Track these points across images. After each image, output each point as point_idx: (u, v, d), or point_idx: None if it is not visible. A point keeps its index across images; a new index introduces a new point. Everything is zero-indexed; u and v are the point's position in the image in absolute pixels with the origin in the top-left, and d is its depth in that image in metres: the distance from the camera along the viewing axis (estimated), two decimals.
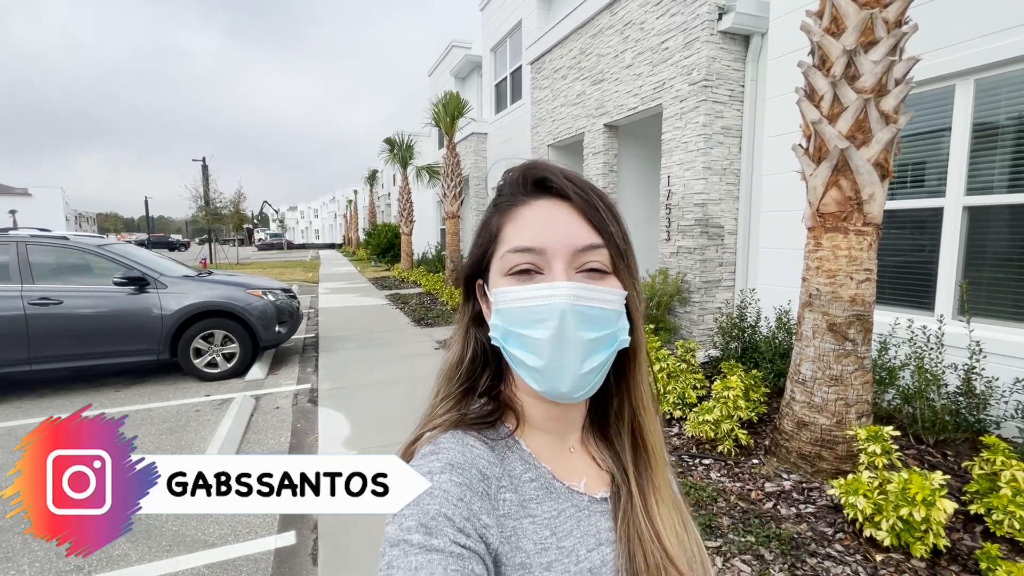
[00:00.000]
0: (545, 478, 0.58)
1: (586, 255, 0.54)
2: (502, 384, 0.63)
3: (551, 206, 0.55)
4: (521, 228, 0.55)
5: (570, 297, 0.52)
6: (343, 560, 2.40)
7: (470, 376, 0.62)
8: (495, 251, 0.57)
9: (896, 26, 2.52)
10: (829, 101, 2.65)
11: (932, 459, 2.98)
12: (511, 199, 0.58)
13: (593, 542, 0.57)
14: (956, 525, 2.37)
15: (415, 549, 0.45)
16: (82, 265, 5.13)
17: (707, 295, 5.56)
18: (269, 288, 5.97)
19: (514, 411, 0.61)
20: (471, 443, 0.56)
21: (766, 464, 3.03)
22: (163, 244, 44.56)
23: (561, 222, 0.54)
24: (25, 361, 4.70)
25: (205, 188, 25.95)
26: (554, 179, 0.55)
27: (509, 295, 0.54)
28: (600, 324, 0.54)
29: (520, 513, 0.55)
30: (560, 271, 0.53)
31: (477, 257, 0.60)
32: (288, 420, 4.27)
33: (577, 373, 0.53)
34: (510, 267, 0.55)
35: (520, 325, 0.54)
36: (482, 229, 0.60)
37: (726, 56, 5.27)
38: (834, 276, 2.73)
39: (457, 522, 0.47)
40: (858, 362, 2.75)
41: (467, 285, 0.63)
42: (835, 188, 2.67)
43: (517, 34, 11.50)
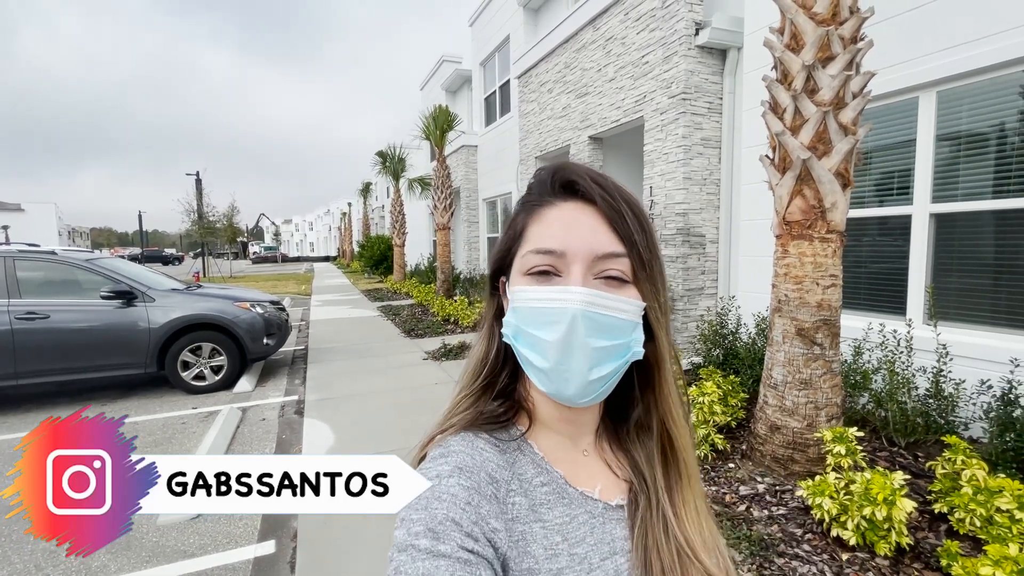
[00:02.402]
0: (557, 483, 0.58)
1: (606, 262, 0.53)
2: (518, 383, 0.63)
3: (576, 209, 0.55)
4: (545, 229, 0.55)
5: (583, 303, 0.51)
6: (320, 569, 2.42)
7: (492, 372, 0.62)
8: (518, 249, 0.57)
9: (852, 42, 2.63)
10: (791, 114, 2.76)
11: (903, 460, 3.04)
12: (538, 199, 0.58)
13: (607, 550, 0.56)
14: (922, 524, 2.43)
15: (422, 554, 0.44)
16: (69, 279, 5.15)
17: (690, 303, 5.64)
18: (257, 301, 6.01)
19: (527, 411, 0.61)
20: (481, 446, 0.56)
21: (742, 468, 3.09)
22: (157, 258, 44.40)
23: (585, 226, 0.54)
24: (12, 376, 4.71)
25: (199, 202, 25.98)
26: (581, 182, 0.55)
27: (524, 294, 0.54)
28: (612, 333, 0.53)
29: (530, 517, 0.54)
30: (577, 276, 0.52)
31: (502, 254, 0.60)
32: (274, 431, 4.29)
33: (584, 380, 0.52)
34: (530, 267, 0.55)
35: (531, 325, 0.54)
36: (508, 227, 0.60)
37: (704, 70, 5.41)
38: (801, 282, 2.82)
39: (465, 527, 0.47)
40: (826, 366, 2.82)
41: (492, 281, 0.63)
42: (799, 197, 2.76)
43: (505, 49, 11.70)
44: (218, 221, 27.90)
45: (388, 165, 16.54)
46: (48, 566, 2.49)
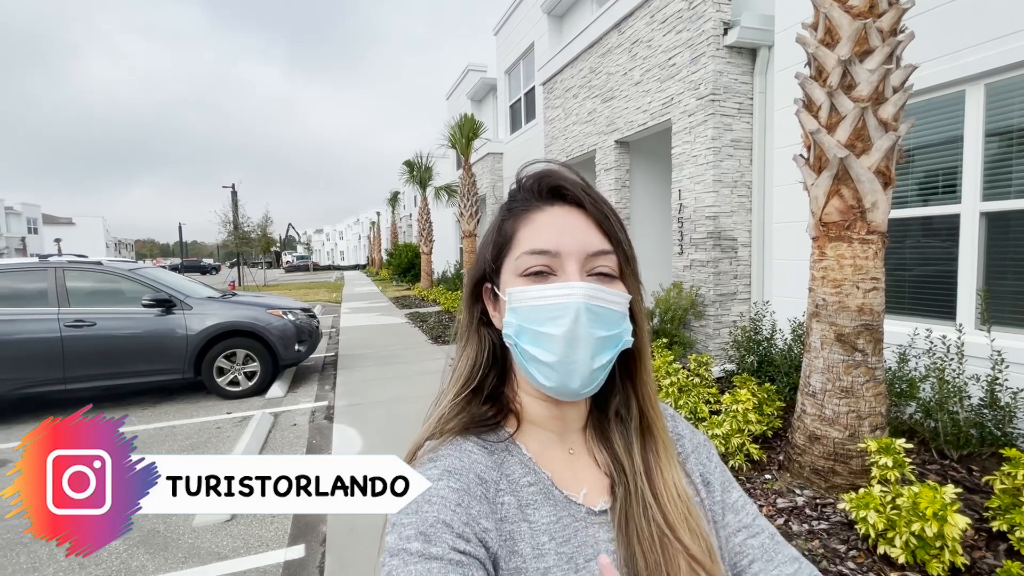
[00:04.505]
0: (544, 483, 0.59)
1: (597, 259, 0.57)
2: (504, 386, 0.65)
3: (565, 213, 0.58)
4: (537, 232, 0.57)
5: (585, 296, 0.54)
6: (348, 574, 2.43)
7: (481, 376, 0.63)
8: (508, 253, 0.59)
9: (891, 35, 2.52)
10: (827, 111, 2.66)
11: (956, 474, 2.86)
12: (525, 204, 0.60)
13: (591, 552, 0.56)
14: (978, 543, 2.27)
15: (414, 558, 0.45)
16: (114, 289, 5.39)
17: (722, 308, 5.49)
18: (289, 308, 6.15)
19: (514, 413, 0.62)
20: (469, 448, 0.57)
21: (779, 479, 2.96)
22: (195, 268, 46.18)
23: (576, 228, 0.57)
24: (60, 380, 4.94)
25: (234, 213, 26.93)
26: (569, 188, 0.58)
27: (526, 294, 0.56)
28: (609, 323, 0.56)
29: (518, 517, 0.55)
30: (574, 272, 0.55)
31: (488, 260, 0.62)
32: (304, 436, 4.36)
33: (588, 369, 0.55)
34: (525, 268, 0.57)
35: (536, 322, 0.55)
36: (494, 233, 0.62)
37: (733, 70, 5.29)
38: (840, 286, 2.70)
39: (456, 528, 0.48)
40: (869, 373, 2.69)
41: (474, 288, 0.64)
42: (836, 197, 2.65)
43: (530, 56, 11.76)
44: (252, 231, 28.85)
45: (415, 174, 16.79)
46: (91, 564, 2.58)
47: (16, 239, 44.28)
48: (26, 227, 47.27)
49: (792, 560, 0.61)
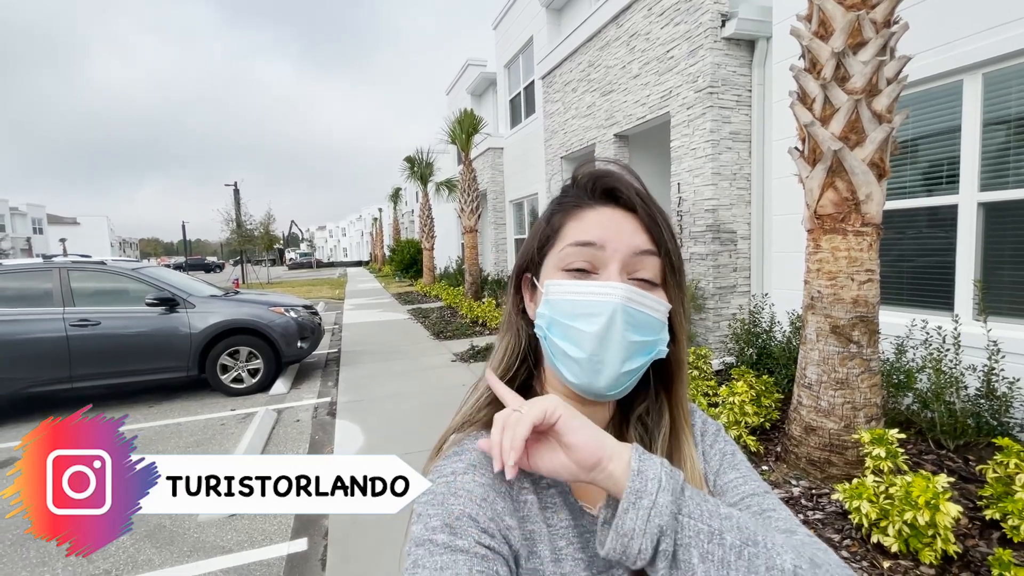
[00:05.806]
0: (562, 488, 0.58)
1: (642, 260, 0.56)
2: (533, 380, 0.64)
3: (615, 214, 0.58)
4: (586, 226, 0.57)
5: (624, 298, 0.54)
6: (350, 567, 2.47)
7: (515, 367, 0.63)
8: (553, 245, 0.59)
9: (885, 26, 2.52)
10: (820, 103, 2.66)
11: (952, 464, 2.88)
12: (576, 200, 0.60)
13: (603, 564, 0.56)
14: (972, 531, 2.29)
15: (440, 549, 0.45)
16: (118, 288, 5.45)
17: (721, 301, 5.50)
18: (291, 305, 6.20)
19: None
20: None
21: (776, 471, 2.98)
22: (199, 266, 46.34)
23: (624, 227, 0.57)
24: (67, 379, 5.01)
25: (237, 211, 27.00)
26: (623, 191, 0.58)
27: (563, 287, 0.56)
28: (645, 329, 0.55)
29: (538, 518, 0.55)
30: (615, 273, 0.55)
31: (532, 250, 0.62)
32: (307, 432, 4.41)
33: (616, 371, 0.54)
34: (568, 263, 0.57)
35: (569, 317, 0.55)
36: (542, 224, 0.62)
37: (731, 62, 5.27)
38: (835, 278, 2.71)
39: (481, 522, 0.48)
40: (864, 364, 2.70)
41: (517, 277, 0.65)
42: (831, 190, 2.65)
43: (529, 50, 11.71)
44: (255, 229, 28.92)
45: (416, 170, 16.78)
46: (99, 559, 2.63)
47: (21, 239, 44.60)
48: (31, 227, 47.62)
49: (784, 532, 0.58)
